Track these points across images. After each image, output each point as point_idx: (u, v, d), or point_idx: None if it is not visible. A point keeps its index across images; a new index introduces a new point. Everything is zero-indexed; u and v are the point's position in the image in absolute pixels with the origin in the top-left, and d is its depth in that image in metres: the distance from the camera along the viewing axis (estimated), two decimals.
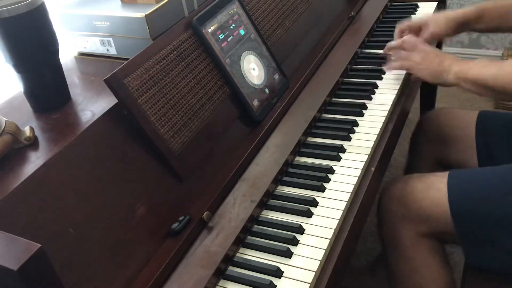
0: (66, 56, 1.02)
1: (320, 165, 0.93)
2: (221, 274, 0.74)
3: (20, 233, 0.56)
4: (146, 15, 0.91)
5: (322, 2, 1.34)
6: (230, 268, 0.75)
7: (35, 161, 0.70)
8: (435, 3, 1.48)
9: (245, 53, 1.01)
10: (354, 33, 1.33)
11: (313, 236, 0.79)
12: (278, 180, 0.90)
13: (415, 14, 1.46)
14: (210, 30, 0.96)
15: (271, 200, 0.87)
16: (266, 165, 0.90)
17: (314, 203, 0.84)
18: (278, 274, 0.73)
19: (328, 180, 0.89)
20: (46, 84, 0.81)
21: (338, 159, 0.94)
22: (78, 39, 1.01)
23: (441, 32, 1.17)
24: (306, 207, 0.83)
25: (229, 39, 0.99)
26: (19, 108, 0.84)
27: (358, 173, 0.90)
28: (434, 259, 1.02)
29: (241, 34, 1.02)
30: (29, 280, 0.51)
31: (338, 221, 0.81)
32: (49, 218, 0.65)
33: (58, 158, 0.70)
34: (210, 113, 0.91)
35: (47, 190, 0.67)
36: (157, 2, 0.94)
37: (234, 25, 1.01)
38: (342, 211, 0.82)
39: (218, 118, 0.93)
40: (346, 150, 0.96)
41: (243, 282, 0.73)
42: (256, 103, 0.99)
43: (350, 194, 0.85)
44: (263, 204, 0.85)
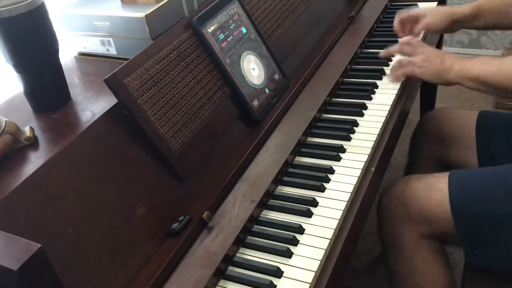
0: (66, 56, 1.02)
1: (320, 165, 0.93)
2: (221, 274, 0.74)
3: (20, 233, 0.56)
4: (146, 15, 0.91)
5: (322, 2, 1.34)
6: (230, 268, 0.75)
7: (35, 161, 0.70)
8: (435, 3, 1.49)
9: (245, 53, 1.01)
10: (354, 33, 1.33)
11: (313, 236, 0.79)
12: (278, 180, 0.90)
13: None
14: (210, 30, 0.96)
15: (271, 200, 0.87)
16: (266, 165, 0.90)
17: (314, 203, 0.84)
18: (278, 274, 0.73)
19: (328, 180, 0.89)
20: (46, 84, 0.81)
21: (338, 159, 0.94)
22: (78, 39, 1.01)
23: (436, 24, 1.17)
24: (306, 207, 0.83)
25: (229, 39, 0.99)
26: (19, 108, 0.84)
27: (358, 173, 0.90)
28: (434, 260, 1.02)
29: (241, 34, 1.02)
30: (29, 280, 0.51)
31: (338, 221, 0.81)
32: (49, 218, 0.65)
33: (58, 158, 0.70)
34: (210, 113, 0.91)
35: (47, 190, 0.67)
36: (157, 2, 0.95)
37: (234, 25, 1.01)
38: (342, 211, 0.82)
39: (218, 118, 0.93)
40: (346, 150, 0.96)
41: (243, 282, 0.73)
42: (256, 103, 0.99)
43: (350, 194, 0.85)
44: (263, 204, 0.85)
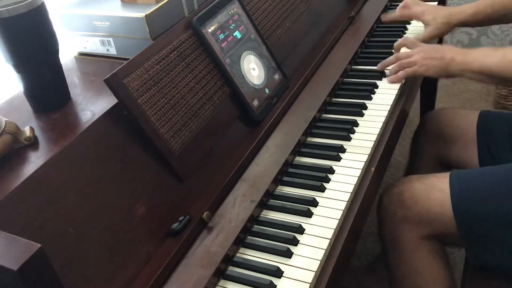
0: (66, 56, 1.02)
1: (320, 165, 0.93)
2: (221, 274, 0.74)
3: (20, 233, 0.56)
4: (146, 15, 0.91)
5: (322, 2, 1.34)
6: (230, 268, 0.75)
7: (35, 161, 0.70)
8: (435, 3, 1.48)
9: (245, 53, 1.01)
10: (354, 33, 1.33)
11: (313, 236, 0.79)
12: (278, 180, 0.90)
13: None
14: (210, 30, 0.96)
15: (271, 200, 0.87)
16: (266, 165, 0.90)
17: (314, 203, 0.84)
18: (278, 274, 0.73)
19: (328, 180, 0.89)
20: (46, 84, 0.81)
21: (338, 159, 0.94)
22: (78, 39, 1.01)
23: (435, 34, 1.21)
24: (306, 207, 0.83)
25: (229, 39, 0.99)
26: (19, 108, 0.84)
27: (358, 173, 0.90)
28: (435, 260, 1.02)
29: (241, 34, 1.02)
30: (29, 280, 0.51)
31: (338, 221, 0.81)
32: (49, 218, 0.65)
33: (58, 158, 0.70)
34: (210, 113, 0.91)
35: (47, 190, 0.67)
36: (157, 2, 0.94)
37: (234, 25, 1.01)
38: (342, 211, 0.82)
39: (218, 118, 0.93)
40: (346, 150, 0.96)
41: (243, 282, 0.73)
42: (256, 103, 0.99)
43: (350, 194, 0.85)
44: (263, 204, 0.85)
